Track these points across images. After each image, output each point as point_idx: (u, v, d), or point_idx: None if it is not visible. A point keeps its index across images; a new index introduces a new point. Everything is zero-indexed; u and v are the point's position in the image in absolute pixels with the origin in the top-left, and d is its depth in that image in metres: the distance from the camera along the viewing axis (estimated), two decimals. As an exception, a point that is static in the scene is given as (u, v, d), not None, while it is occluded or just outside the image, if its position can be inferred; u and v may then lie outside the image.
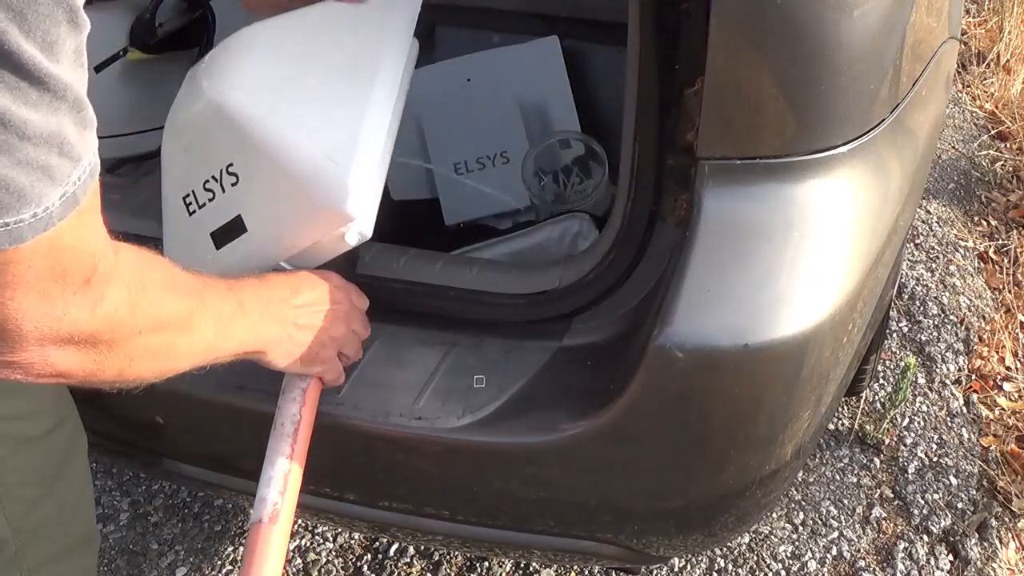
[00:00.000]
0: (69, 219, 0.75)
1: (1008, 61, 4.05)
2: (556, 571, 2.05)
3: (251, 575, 1.11)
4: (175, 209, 1.27)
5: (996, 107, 3.83)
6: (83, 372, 0.87)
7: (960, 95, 3.91)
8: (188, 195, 1.24)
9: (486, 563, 2.05)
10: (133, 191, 1.72)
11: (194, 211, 1.24)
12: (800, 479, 2.25)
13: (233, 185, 1.19)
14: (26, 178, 0.70)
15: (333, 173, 1.17)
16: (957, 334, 2.71)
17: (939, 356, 2.63)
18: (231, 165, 1.19)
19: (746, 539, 2.12)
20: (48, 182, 0.72)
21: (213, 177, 1.20)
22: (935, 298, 2.82)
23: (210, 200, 1.22)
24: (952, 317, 2.76)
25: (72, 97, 0.72)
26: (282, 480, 1.16)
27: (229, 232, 1.22)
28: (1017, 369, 2.62)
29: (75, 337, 0.83)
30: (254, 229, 1.20)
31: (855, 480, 2.27)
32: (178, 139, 1.26)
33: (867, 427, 2.37)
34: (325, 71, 1.27)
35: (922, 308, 2.78)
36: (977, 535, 2.15)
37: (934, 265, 2.95)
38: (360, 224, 1.19)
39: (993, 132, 3.67)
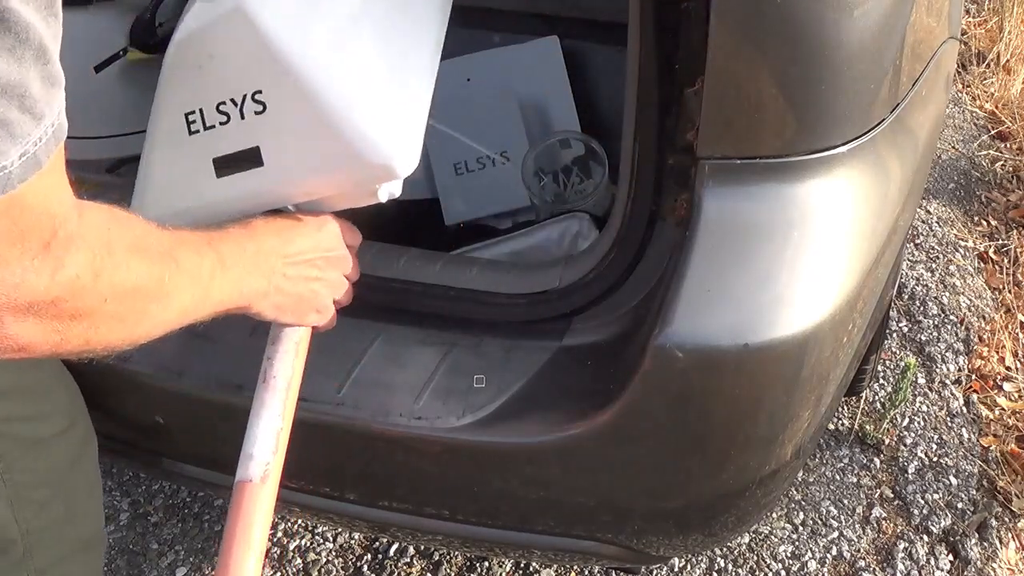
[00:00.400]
0: (33, 179, 0.70)
1: (1008, 61, 4.05)
2: (556, 571, 2.05)
3: (237, 536, 1.06)
4: (170, 123, 1.15)
5: (996, 107, 3.83)
6: (47, 344, 0.82)
7: (960, 95, 3.91)
8: (193, 112, 1.13)
9: (486, 563, 2.05)
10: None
11: (196, 131, 1.13)
12: (800, 479, 2.25)
13: (257, 114, 1.09)
14: None
15: (385, 127, 1.10)
16: (957, 334, 2.71)
17: (939, 356, 2.62)
18: (259, 92, 1.09)
19: (746, 539, 2.12)
20: (7, 138, 0.67)
21: (232, 100, 1.10)
22: (935, 298, 2.82)
23: (222, 124, 1.11)
24: (952, 317, 2.76)
25: (37, 43, 0.66)
26: (274, 439, 1.11)
27: (239, 162, 1.12)
28: (1017, 369, 2.62)
29: (34, 306, 0.78)
30: (273, 166, 1.11)
31: (855, 480, 2.27)
32: (193, 49, 1.12)
33: (867, 427, 2.37)
34: (375, 8, 1.18)
35: (922, 308, 2.78)
36: (977, 535, 2.15)
37: (934, 265, 2.95)
38: (395, 184, 1.14)
39: (993, 132, 3.66)
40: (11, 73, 0.66)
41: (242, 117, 1.10)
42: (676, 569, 2.06)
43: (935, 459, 2.33)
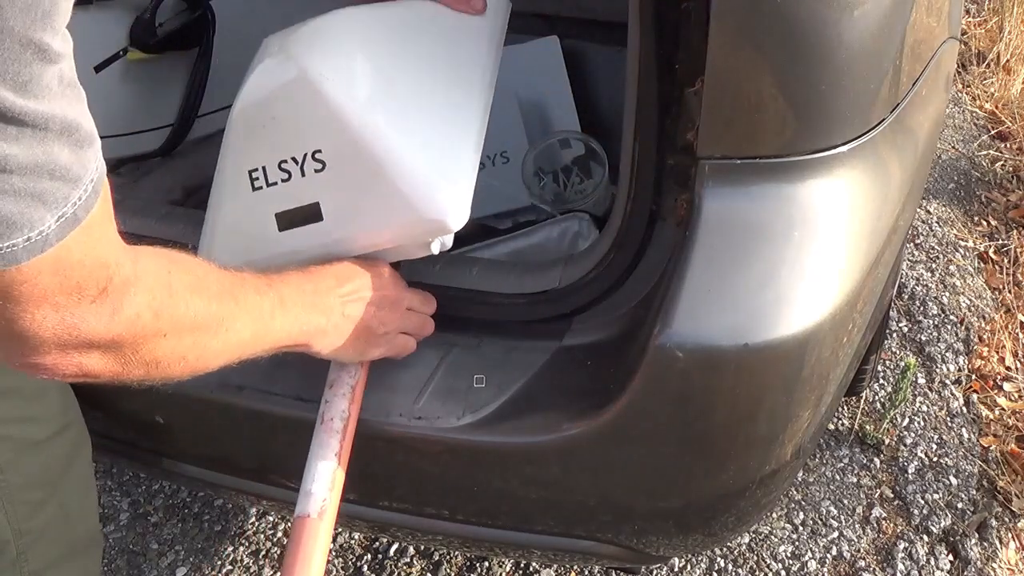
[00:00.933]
0: (74, 236, 0.76)
1: (1008, 61, 4.05)
2: (556, 571, 2.05)
3: (297, 567, 1.11)
4: (235, 180, 1.21)
5: (996, 107, 3.83)
6: (109, 372, 0.88)
7: (960, 95, 3.91)
8: (256, 169, 1.19)
9: (486, 563, 2.05)
10: (133, 191, 1.73)
11: (260, 187, 1.19)
12: (800, 479, 2.25)
13: (317, 172, 1.15)
14: (14, 206, 0.71)
15: (439, 183, 1.15)
16: (957, 334, 2.71)
17: (939, 356, 2.63)
18: (319, 152, 1.14)
19: (746, 539, 2.12)
20: (40, 206, 0.72)
21: (293, 158, 1.16)
22: (935, 298, 2.82)
23: (283, 180, 1.17)
24: (952, 317, 2.76)
25: (59, 125, 0.72)
26: (331, 476, 1.17)
27: (300, 217, 1.18)
28: (1017, 369, 2.62)
29: (96, 343, 0.83)
30: (332, 220, 1.17)
31: (855, 480, 2.27)
32: (257, 111, 1.18)
33: (867, 427, 2.37)
34: (428, 72, 1.25)
35: (922, 308, 2.78)
36: (977, 535, 2.15)
37: (934, 265, 2.95)
38: (447, 235, 1.19)
39: (993, 132, 3.67)
40: (36, 156, 0.71)
41: (303, 175, 1.16)
42: (676, 569, 2.06)
43: (935, 459, 2.33)
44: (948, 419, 2.44)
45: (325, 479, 1.16)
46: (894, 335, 2.68)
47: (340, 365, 1.23)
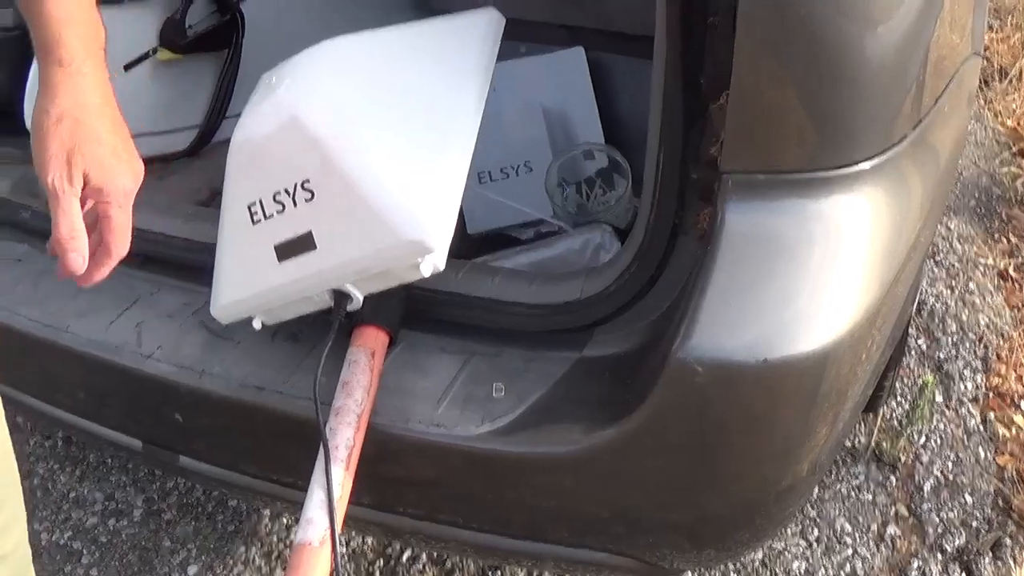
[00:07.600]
0: None
1: (1031, 78, 4.03)
2: (568, 580, 2.05)
3: None
4: (237, 216, 1.26)
5: (1018, 124, 3.80)
6: None
7: (982, 111, 3.89)
8: (254, 204, 1.23)
9: (499, 572, 2.05)
10: (159, 190, 1.74)
11: (259, 221, 1.23)
12: (815, 495, 2.24)
13: (307, 201, 1.19)
14: None
15: (417, 205, 1.17)
16: (975, 352, 2.69)
17: (957, 374, 2.61)
18: (307, 181, 1.18)
19: (760, 554, 2.11)
20: None
21: (285, 190, 1.20)
22: (954, 315, 2.80)
23: (279, 212, 1.21)
24: (971, 335, 2.75)
25: None
26: (334, 505, 1.17)
27: (296, 247, 1.21)
28: (1035, 389, 2.61)
29: None
30: (324, 248, 1.20)
31: (870, 497, 2.26)
32: (249, 147, 1.24)
33: (884, 444, 2.36)
34: (409, 96, 1.27)
35: (941, 325, 2.77)
36: (991, 554, 2.14)
37: (954, 282, 2.94)
38: (436, 256, 1.19)
39: (1015, 149, 3.65)
40: None
41: (295, 205, 1.20)
42: (688, 581, 2.06)
43: (951, 477, 2.32)
44: (965, 437, 2.43)
45: (328, 507, 1.17)
46: (912, 352, 2.66)
47: (346, 393, 1.23)
